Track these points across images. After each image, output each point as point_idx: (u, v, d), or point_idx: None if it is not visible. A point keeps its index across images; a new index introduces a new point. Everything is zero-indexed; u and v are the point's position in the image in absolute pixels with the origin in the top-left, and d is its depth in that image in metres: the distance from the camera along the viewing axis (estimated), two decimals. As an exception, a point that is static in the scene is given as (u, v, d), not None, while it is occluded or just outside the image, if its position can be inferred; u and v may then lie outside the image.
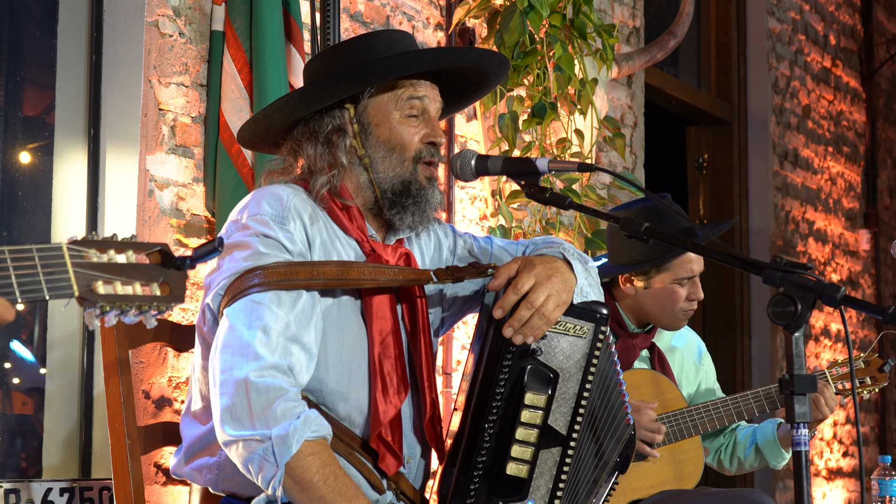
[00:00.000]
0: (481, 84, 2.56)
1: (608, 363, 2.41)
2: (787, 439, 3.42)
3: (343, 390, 2.31)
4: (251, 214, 2.29)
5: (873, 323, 7.79)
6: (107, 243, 1.61)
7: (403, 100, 2.40)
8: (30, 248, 1.55)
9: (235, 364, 2.16)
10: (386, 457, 2.32)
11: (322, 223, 2.36)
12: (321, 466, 2.15)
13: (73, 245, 1.58)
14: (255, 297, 2.19)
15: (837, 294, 2.04)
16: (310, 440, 2.14)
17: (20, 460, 3.44)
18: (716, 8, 6.79)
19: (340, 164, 2.37)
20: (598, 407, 2.41)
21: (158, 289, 1.63)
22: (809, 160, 7.20)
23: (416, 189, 2.39)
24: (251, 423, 2.13)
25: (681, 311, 3.37)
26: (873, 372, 3.39)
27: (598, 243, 4.29)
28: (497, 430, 2.31)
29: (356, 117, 2.39)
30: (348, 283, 2.29)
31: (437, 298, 2.54)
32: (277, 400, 2.14)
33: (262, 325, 2.18)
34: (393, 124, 2.39)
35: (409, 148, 2.39)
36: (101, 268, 1.59)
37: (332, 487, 2.15)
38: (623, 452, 2.45)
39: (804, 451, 2.07)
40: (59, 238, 3.43)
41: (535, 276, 2.29)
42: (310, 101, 2.38)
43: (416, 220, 2.40)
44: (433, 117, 2.44)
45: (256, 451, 2.13)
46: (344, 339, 2.33)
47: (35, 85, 3.61)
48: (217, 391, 2.18)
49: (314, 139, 2.38)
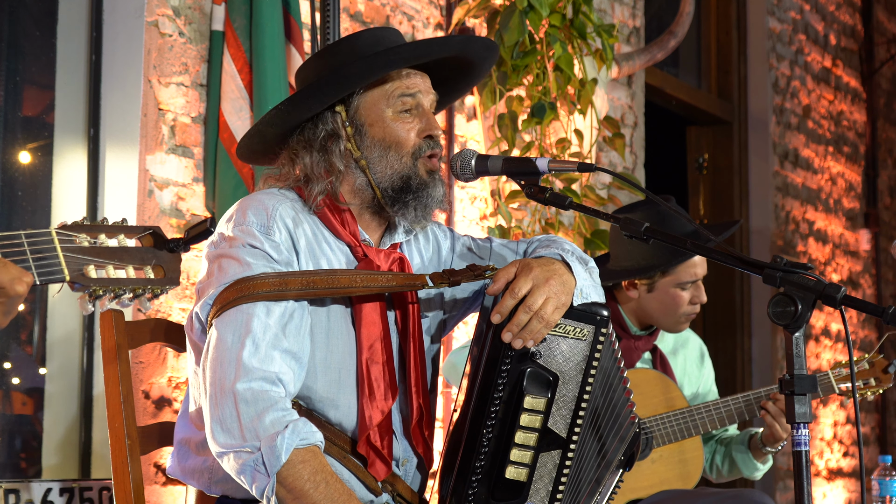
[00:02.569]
0: (472, 71, 2.53)
1: (611, 361, 2.39)
2: (758, 451, 3.39)
3: (333, 397, 2.31)
4: (237, 224, 2.29)
5: (874, 323, 7.79)
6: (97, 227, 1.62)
7: (395, 97, 2.38)
8: (19, 234, 1.55)
9: (224, 375, 2.17)
10: (375, 462, 2.32)
11: (308, 227, 2.35)
12: (312, 474, 2.15)
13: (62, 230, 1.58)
14: (243, 308, 2.20)
15: (838, 294, 2.03)
16: (300, 448, 2.15)
17: (20, 460, 3.43)
18: (716, 8, 6.79)
19: (337, 170, 2.36)
20: (601, 405, 2.39)
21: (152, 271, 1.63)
22: (810, 160, 7.20)
23: (416, 183, 2.37)
24: (241, 434, 2.14)
25: (683, 315, 3.36)
26: (877, 373, 3.39)
27: (598, 243, 4.29)
28: (496, 434, 2.30)
29: (349, 120, 2.38)
30: (338, 290, 2.28)
31: (437, 301, 2.52)
32: (266, 410, 2.15)
33: (251, 335, 2.18)
34: (386, 122, 2.38)
35: (406, 145, 2.38)
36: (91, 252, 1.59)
37: (323, 494, 2.15)
38: (628, 450, 2.44)
39: (804, 451, 2.06)
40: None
41: (533, 279, 2.27)
42: (299, 110, 2.37)
43: (418, 215, 2.39)
44: (427, 110, 2.42)
45: (248, 462, 2.14)
46: (333, 345, 2.33)
47: (35, 85, 3.61)
48: (208, 403, 2.19)
49: (309, 147, 2.37)
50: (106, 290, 1.59)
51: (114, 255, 1.60)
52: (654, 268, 3.30)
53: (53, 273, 1.55)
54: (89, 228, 1.60)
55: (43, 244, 1.55)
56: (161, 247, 1.64)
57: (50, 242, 1.56)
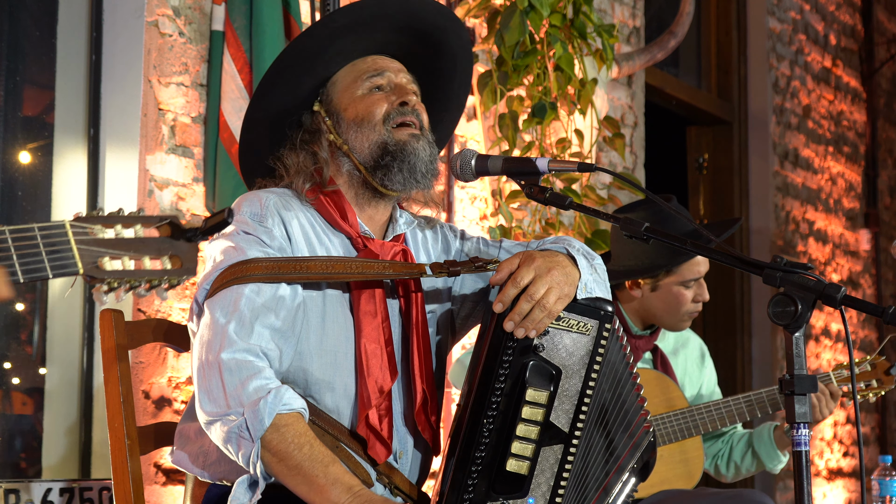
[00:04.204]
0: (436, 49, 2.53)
1: (619, 356, 2.38)
2: (783, 441, 3.42)
3: (329, 379, 2.33)
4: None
5: (874, 323, 7.79)
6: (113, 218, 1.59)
7: (363, 79, 2.45)
8: (32, 227, 1.53)
9: (209, 348, 2.22)
10: (375, 444, 2.34)
11: (304, 217, 2.40)
12: (295, 436, 2.19)
13: (76, 222, 1.56)
14: (234, 288, 2.25)
15: (838, 294, 2.03)
16: (283, 413, 2.19)
17: (20, 460, 3.44)
18: (716, 8, 6.79)
19: (324, 160, 2.42)
20: (608, 400, 2.37)
21: (169, 262, 1.61)
22: (810, 160, 7.20)
23: (393, 146, 2.41)
24: (226, 402, 2.18)
25: (686, 314, 3.36)
26: (880, 375, 3.38)
27: (598, 243, 4.29)
28: (497, 426, 2.30)
29: (327, 114, 2.45)
30: (333, 276, 2.32)
31: (444, 294, 2.53)
32: (250, 378, 2.19)
33: (238, 312, 2.23)
34: (357, 101, 2.44)
35: (377, 114, 2.42)
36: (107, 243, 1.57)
37: (307, 455, 2.18)
38: (642, 458, 2.43)
39: (804, 451, 2.06)
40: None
41: (535, 269, 2.29)
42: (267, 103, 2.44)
43: (406, 178, 2.41)
44: (400, 83, 2.46)
45: (233, 429, 2.18)
46: (328, 328, 2.35)
47: (35, 85, 3.61)
48: (195, 376, 2.24)
49: (293, 148, 2.45)
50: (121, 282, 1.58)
51: (129, 245, 1.59)
52: (658, 267, 3.30)
53: (67, 266, 1.54)
54: (105, 219, 1.59)
55: (56, 237, 1.54)
56: (178, 237, 1.62)
57: (63, 235, 1.54)
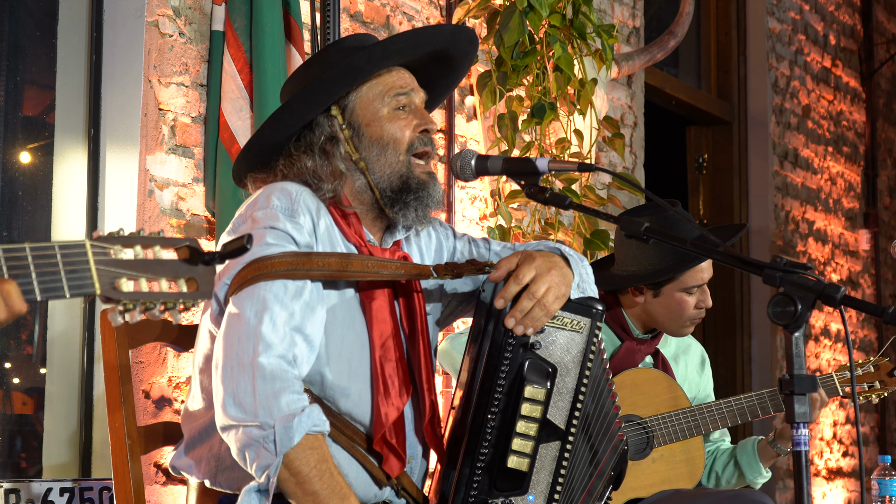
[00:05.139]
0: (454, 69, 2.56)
1: (599, 369, 2.43)
2: (767, 454, 3.40)
3: (344, 385, 2.33)
4: (260, 207, 2.32)
5: (873, 323, 7.79)
6: (133, 239, 1.58)
7: (390, 95, 2.41)
8: (52, 245, 1.52)
9: (242, 349, 2.17)
10: (389, 458, 2.34)
11: (327, 222, 2.38)
12: (318, 462, 2.16)
13: (97, 242, 1.55)
14: (262, 286, 2.21)
15: (837, 294, 2.04)
16: (311, 434, 2.16)
17: (20, 460, 3.44)
18: (716, 8, 6.79)
19: (339, 173, 2.38)
20: (591, 412, 2.43)
21: (185, 285, 1.60)
22: (809, 160, 7.20)
23: (415, 184, 2.40)
24: (254, 409, 2.14)
25: (689, 320, 3.35)
26: (882, 376, 3.38)
27: (598, 244, 4.29)
28: (498, 424, 2.33)
29: (345, 122, 2.41)
30: (351, 274, 2.30)
31: (436, 295, 2.55)
32: (283, 390, 2.15)
33: (269, 312, 2.19)
34: (382, 121, 2.40)
35: (402, 142, 2.40)
36: (126, 265, 1.56)
37: (326, 484, 2.16)
38: (617, 466, 2.47)
39: (804, 450, 2.06)
40: (59, 238, 3.43)
41: (536, 268, 2.32)
42: (300, 112, 2.39)
43: (418, 216, 2.41)
44: (419, 107, 2.45)
45: (256, 437, 2.14)
46: (345, 335, 2.34)
47: (35, 85, 3.61)
48: (220, 374, 2.19)
49: (310, 152, 2.39)
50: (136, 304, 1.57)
51: (147, 267, 1.57)
52: (662, 273, 3.29)
53: (84, 287, 1.52)
54: (125, 239, 1.57)
55: (76, 256, 1.52)
56: (196, 260, 1.61)
57: (83, 255, 1.53)
